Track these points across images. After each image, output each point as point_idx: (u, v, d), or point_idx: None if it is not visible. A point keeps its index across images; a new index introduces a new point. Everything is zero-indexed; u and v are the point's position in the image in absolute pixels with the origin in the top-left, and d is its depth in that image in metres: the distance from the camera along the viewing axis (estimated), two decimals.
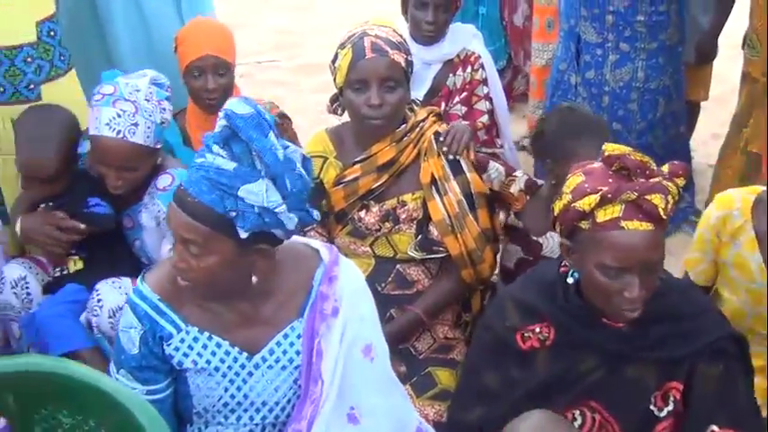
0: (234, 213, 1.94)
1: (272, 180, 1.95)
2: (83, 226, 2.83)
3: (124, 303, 2.26)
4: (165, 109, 2.82)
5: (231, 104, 1.95)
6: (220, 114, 1.96)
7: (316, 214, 2.06)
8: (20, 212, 2.91)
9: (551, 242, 2.84)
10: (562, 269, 2.23)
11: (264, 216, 1.97)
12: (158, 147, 2.84)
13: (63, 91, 3.23)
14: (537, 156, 2.94)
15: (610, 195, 2.03)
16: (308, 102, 5.28)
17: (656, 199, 2.02)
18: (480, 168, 2.90)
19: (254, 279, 2.05)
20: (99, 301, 2.73)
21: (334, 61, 2.80)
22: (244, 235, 1.96)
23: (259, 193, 1.94)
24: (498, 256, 2.98)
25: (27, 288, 2.85)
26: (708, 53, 3.95)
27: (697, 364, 2.13)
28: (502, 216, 2.95)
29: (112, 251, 2.90)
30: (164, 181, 2.85)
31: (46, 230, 2.83)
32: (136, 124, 2.74)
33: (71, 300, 2.79)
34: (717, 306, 2.41)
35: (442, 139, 2.83)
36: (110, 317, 2.70)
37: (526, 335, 2.22)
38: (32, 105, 3.08)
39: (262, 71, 5.82)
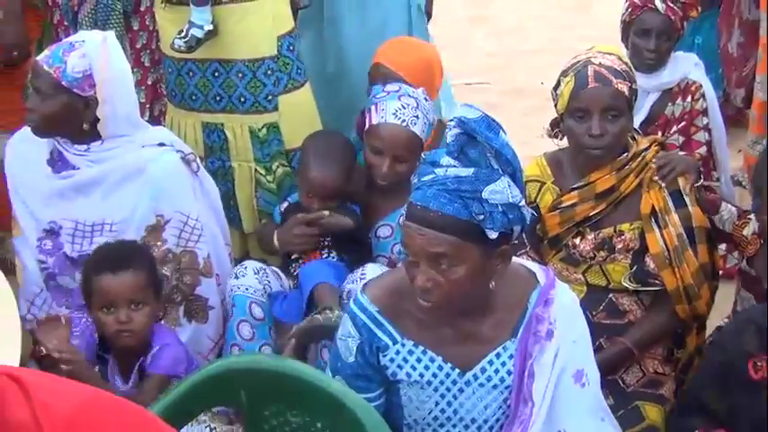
0: (481, 216, 1.99)
1: (510, 176, 2.01)
2: (326, 213, 3.03)
3: None
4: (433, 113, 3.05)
5: (458, 113, 2.02)
6: (451, 124, 2.02)
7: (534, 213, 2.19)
8: (271, 231, 3.16)
9: None
10: None
11: (509, 213, 2.01)
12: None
13: (298, 102, 3.41)
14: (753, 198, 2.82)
15: None
16: (516, 125, 5.27)
17: None
18: (712, 209, 2.83)
19: (491, 285, 2.09)
20: (363, 274, 2.90)
21: (555, 88, 2.80)
22: (493, 236, 2.01)
23: (503, 190, 1.99)
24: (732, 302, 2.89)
25: (266, 277, 3.04)
26: None
27: None
28: (740, 261, 2.85)
29: (360, 258, 3.04)
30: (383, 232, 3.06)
31: (296, 231, 3.06)
32: (417, 117, 2.99)
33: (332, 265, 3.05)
34: None
35: (654, 165, 2.77)
36: None
37: (759, 363, 2.15)
38: (319, 131, 3.33)
39: (471, 92, 5.86)
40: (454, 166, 2.01)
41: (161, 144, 2.90)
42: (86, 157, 2.85)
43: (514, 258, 2.24)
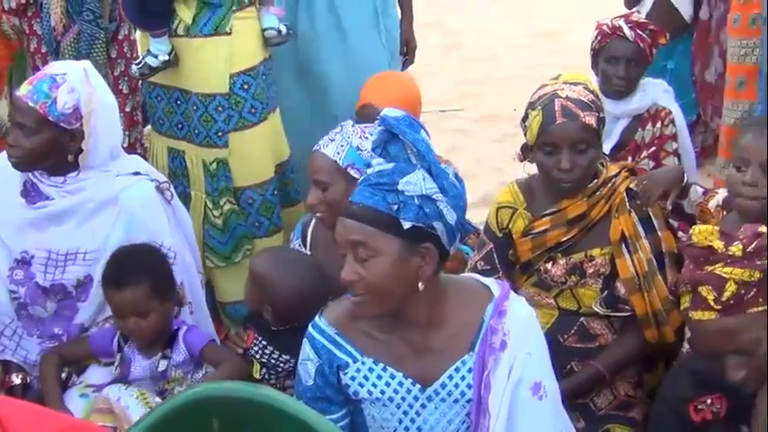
0: (396, 206, 2.07)
1: (427, 171, 2.10)
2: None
3: None
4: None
5: (386, 112, 2.15)
6: (377, 122, 2.15)
7: (473, 226, 2.20)
8: None
9: None
10: None
11: (424, 206, 2.08)
12: (356, 177, 2.81)
13: (249, 141, 3.42)
14: None
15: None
16: (487, 151, 5.34)
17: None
18: (684, 195, 2.82)
19: (420, 286, 2.12)
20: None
21: (524, 119, 2.82)
22: (407, 225, 2.07)
23: (417, 182, 2.08)
24: None
25: None
26: None
27: None
28: None
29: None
30: None
31: None
32: (332, 140, 2.84)
33: None
34: None
35: (634, 186, 2.79)
36: None
37: (699, 407, 2.19)
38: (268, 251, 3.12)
39: (444, 119, 5.93)
40: (380, 165, 2.13)
41: (136, 173, 2.91)
42: (62, 188, 2.86)
43: (470, 274, 2.28)
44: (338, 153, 2.82)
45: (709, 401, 2.19)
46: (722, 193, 2.80)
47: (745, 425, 2.11)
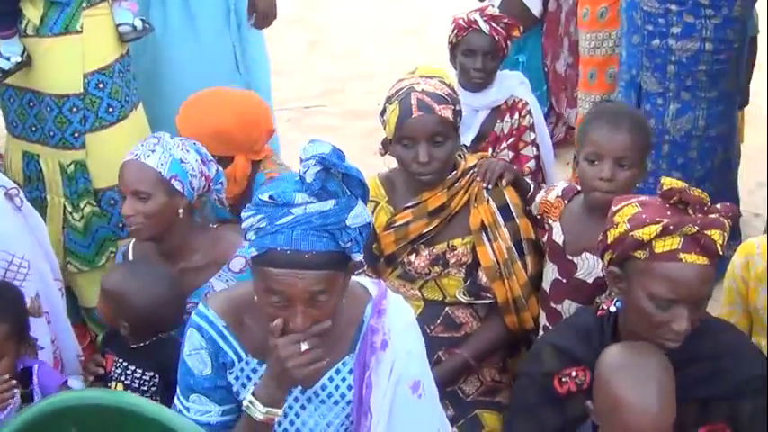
0: (349, 244, 2.01)
1: (361, 198, 2.04)
2: None
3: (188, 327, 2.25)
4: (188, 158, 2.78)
5: (313, 150, 1.97)
6: (310, 162, 1.95)
7: None
8: None
9: (586, 264, 2.71)
10: (599, 313, 2.28)
11: (363, 232, 2.05)
12: (178, 189, 2.76)
13: (108, 141, 3.32)
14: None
15: (671, 227, 2.08)
16: (354, 147, 5.32)
17: (716, 234, 2.07)
18: (531, 200, 2.88)
19: (343, 301, 2.11)
20: None
21: (382, 114, 2.84)
22: (359, 257, 2.05)
23: (362, 213, 2.02)
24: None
25: None
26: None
27: (738, 403, 2.15)
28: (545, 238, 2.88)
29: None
30: (238, 263, 2.81)
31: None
32: (153, 151, 2.75)
33: None
34: (756, 345, 2.40)
35: (476, 172, 2.85)
36: None
37: (564, 379, 2.26)
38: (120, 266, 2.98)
39: (308, 116, 5.91)
40: (311, 202, 1.99)
41: None
42: None
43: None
44: (162, 164, 2.73)
45: (573, 373, 2.24)
46: (561, 185, 2.88)
47: None
